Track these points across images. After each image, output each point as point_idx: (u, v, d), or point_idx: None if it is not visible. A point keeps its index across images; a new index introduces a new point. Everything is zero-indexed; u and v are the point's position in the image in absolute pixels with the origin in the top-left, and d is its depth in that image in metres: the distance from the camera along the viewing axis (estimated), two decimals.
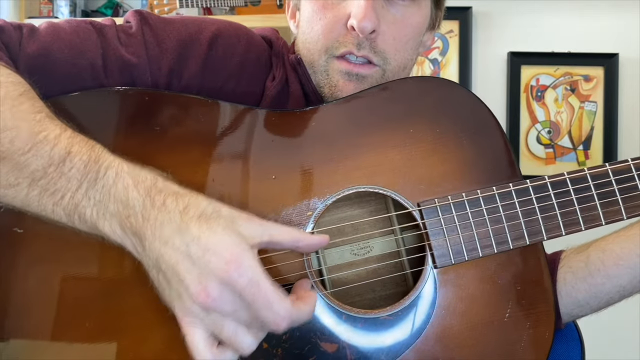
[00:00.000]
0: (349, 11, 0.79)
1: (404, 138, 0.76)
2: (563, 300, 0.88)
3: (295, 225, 0.72)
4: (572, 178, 0.78)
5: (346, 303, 0.74)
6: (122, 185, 0.59)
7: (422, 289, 0.73)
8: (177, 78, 0.78)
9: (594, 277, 0.85)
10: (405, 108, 0.77)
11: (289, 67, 0.86)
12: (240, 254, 0.56)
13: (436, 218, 0.75)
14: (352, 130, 0.76)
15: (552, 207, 0.77)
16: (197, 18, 0.84)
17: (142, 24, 0.78)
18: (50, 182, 0.59)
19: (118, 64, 0.75)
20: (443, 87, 0.80)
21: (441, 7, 0.91)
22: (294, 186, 0.73)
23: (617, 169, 0.78)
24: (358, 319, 0.72)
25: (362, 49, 0.80)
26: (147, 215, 0.57)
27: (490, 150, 0.78)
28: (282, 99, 0.84)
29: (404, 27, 0.82)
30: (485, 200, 0.76)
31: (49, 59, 0.71)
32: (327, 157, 0.74)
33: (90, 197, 0.59)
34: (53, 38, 0.73)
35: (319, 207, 0.72)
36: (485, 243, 0.75)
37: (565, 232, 0.77)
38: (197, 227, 0.56)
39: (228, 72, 0.81)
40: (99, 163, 0.60)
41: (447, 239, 0.75)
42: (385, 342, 0.72)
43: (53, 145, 0.59)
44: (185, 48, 0.79)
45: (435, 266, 0.74)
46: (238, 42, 0.82)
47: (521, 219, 0.76)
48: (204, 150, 0.71)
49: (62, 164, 0.59)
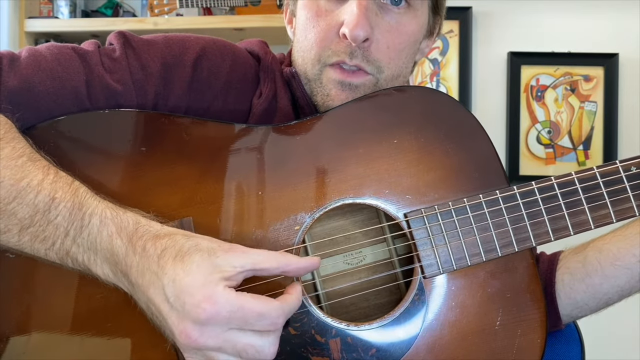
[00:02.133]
0: (342, 19, 0.78)
1: (389, 149, 0.75)
2: (562, 302, 0.87)
3: (284, 241, 0.71)
4: (559, 182, 0.77)
5: (341, 313, 0.74)
6: (106, 233, 0.61)
7: (412, 299, 0.73)
8: (164, 101, 0.77)
9: (591, 278, 0.85)
10: (389, 118, 0.77)
11: (280, 81, 0.85)
12: (212, 291, 0.57)
13: (423, 228, 0.74)
14: (337, 143, 0.75)
15: (539, 212, 0.76)
16: (181, 37, 0.82)
17: (125, 47, 0.77)
18: (39, 230, 0.61)
19: (104, 92, 0.74)
20: (427, 96, 0.79)
21: (440, 14, 0.89)
22: (281, 201, 0.72)
23: (605, 171, 0.78)
24: (348, 332, 0.71)
25: (354, 58, 0.78)
26: (130, 262, 0.59)
27: (476, 157, 0.78)
28: (269, 115, 0.82)
29: (398, 35, 0.81)
30: (472, 208, 0.75)
31: (32, 93, 0.70)
32: (313, 170, 0.74)
33: (79, 244, 0.61)
34: (34, 69, 0.71)
35: (306, 221, 0.72)
36: (474, 251, 0.75)
37: (554, 238, 0.76)
38: (173, 269, 0.58)
39: (214, 92, 0.80)
40: (82, 210, 0.61)
41: (434, 248, 0.74)
42: (376, 355, 0.72)
43: (37, 192, 0.61)
44: (170, 71, 0.78)
45: (424, 276, 0.74)
46: (223, 61, 0.81)
47: (509, 226, 0.76)
48: (189, 169, 0.71)
49: (48, 212, 0.61)
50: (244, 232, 0.70)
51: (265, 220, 0.71)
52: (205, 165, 0.72)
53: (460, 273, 0.75)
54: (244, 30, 2.05)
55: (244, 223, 0.71)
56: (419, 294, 0.74)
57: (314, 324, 0.70)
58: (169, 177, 0.71)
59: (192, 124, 0.74)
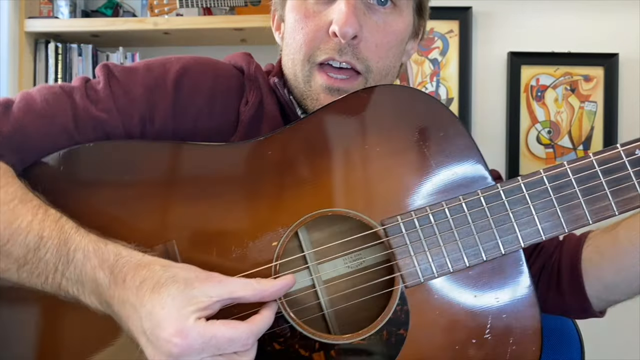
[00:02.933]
0: (330, 19, 0.79)
1: (361, 155, 0.73)
2: (590, 282, 0.83)
3: (263, 258, 0.71)
4: (549, 175, 0.70)
5: (346, 321, 0.73)
6: (90, 266, 0.64)
7: (394, 310, 0.70)
8: (150, 124, 0.79)
9: (621, 258, 0.79)
10: (359, 124, 0.74)
11: (265, 87, 0.85)
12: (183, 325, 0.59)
13: (400, 235, 0.71)
14: (309, 154, 0.74)
15: (528, 210, 0.70)
16: (162, 60, 0.84)
17: (108, 78, 0.80)
18: (33, 267, 0.66)
19: (90, 123, 0.77)
20: (397, 95, 0.76)
21: (424, 16, 0.90)
22: (258, 218, 0.72)
23: (604, 158, 0.70)
24: (331, 346, 0.70)
25: (344, 54, 0.79)
26: (112, 293, 0.63)
27: (456, 156, 0.73)
28: (257, 121, 0.83)
29: (386, 34, 0.81)
30: (451, 211, 0.71)
31: (24, 135, 0.74)
32: (287, 184, 0.73)
33: (68, 278, 0.65)
34: (25, 112, 0.75)
35: (283, 236, 0.71)
36: (456, 257, 0.70)
37: (545, 237, 0.70)
38: (150, 301, 0.60)
39: (198, 107, 0.81)
40: (67, 245, 0.65)
41: (413, 257, 0.71)
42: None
43: (27, 233, 0.66)
44: (152, 94, 0.80)
45: (406, 286, 0.71)
46: (204, 76, 0.82)
47: (494, 228, 0.70)
48: (169, 193, 0.73)
49: (38, 250, 0.65)
50: (225, 252, 0.71)
51: (243, 239, 0.71)
52: (184, 188, 0.73)
53: (444, 280, 0.71)
54: (244, 30, 2.06)
55: (223, 242, 0.71)
56: (401, 304, 0.70)
57: (297, 339, 0.70)
58: (152, 202, 0.73)
59: (168, 149, 0.75)
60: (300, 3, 0.82)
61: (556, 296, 0.87)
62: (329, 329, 0.74)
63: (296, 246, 0.75)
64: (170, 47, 2.27)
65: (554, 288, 0.87)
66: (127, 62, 2.15)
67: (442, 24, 2.14)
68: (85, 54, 2.12)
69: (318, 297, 0.74)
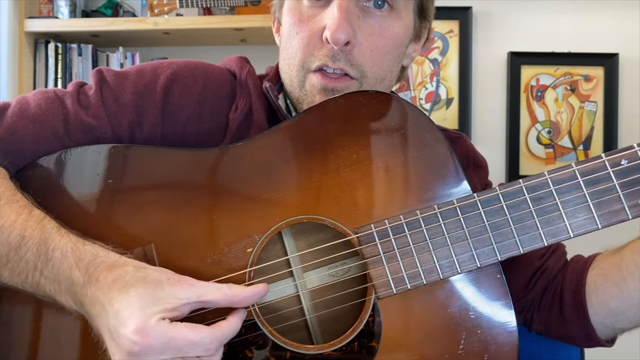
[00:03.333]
0: (324, 24, 0.77)
1: (338, 162, 0.72)
2: (594, 307, 0.79)
3: (237, 263, 0.70)
4: (528, 186, 0.68)
5: (328, 330, 0.72)
6: (67, 265, 0.65)
7: (366, 321, 0.69)
8: (139, 129, 0.80)
9: (627, 282, 0.75)
10: (336, 130, 0.73)
11: (255, 94, 0.84)
12: (145, 324, 0.59)
13: (373, 245, 0.69)
14: (287, 159, 0.73)
15: (505, 222, 0.67)
16: (153, 65, 0.83)
17: (100, 83, 0.80)
18: (14, 265, 0.67)
19: (80, 128, 0.78)
20: (375, 102, 0.74)
21: (427, 18, 0.87)
22: (234, 224, 0.71)
23: (586, 169, 0.67)
24: (302, 355, 0.69)
25: (337, 61, 0.77)
26: (86, 292, 0.64)
27: (433, 164, 0.71)
28: (245, 128, 0.83)
29: (382, 39, 0.79)
30: (425, 221, 0.68)
31: (16, 138, 0.75)
32: (264, 190, 0.72)
33: (45, 276, 0.66)
34: (18, 117, 0.77)
35: (258, 243, 0.70)
36: (430, 269, 0.68)
37: (523, 250, 0.67)
38: (118, 300, 0.61)
39: (187, 113, 0.81)
40: (47, 244, 0.66)
41: (386, 267, 0.68)
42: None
43: (9, 232, 0.67)
44: (142, 99, 0.80)
45: (378, 297, 0.69)
46: (194, 82, 0.82)
47: (469, 239, 0.68)
48: (150, 197, 0.74)
49: (19, 249, 0.67)
50: (201, 257, 0.71)
51: (219, 245, 0.71)
52: (164, 193, 0.73)
53: (419, 292, 0.69)
54: (244, 30, 2.06)
55: (199, 248, 0.71)
56: (373, 315, 0.69)
57: (269, 347, 0.69)
58: (132, 206, 0.73)
59: (149, 153, 0.75)
60: (295, 6, 0.81)
61: (558, 320, 0.84)
62: (312, 336, 0.74)
63: (281, 253, 0.75)
64: (170, 47, 2.27)
65: (556, 311, 0.84)
66: (127, 62, 2.15)
67: (442, 24, 2.14)
68: (85, 54, 2.13)
69: (301, 304, 0.74)
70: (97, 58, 2.15)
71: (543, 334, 0.87)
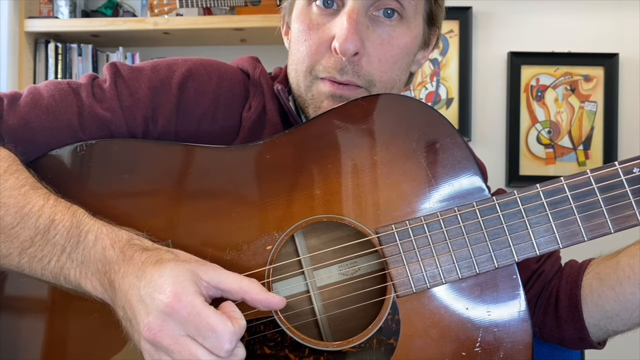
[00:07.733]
0: (333, 33, 0.77)
1: (359, 162, 0.73)
2: (589, 309, 0.81)
3: (257, 261, 0.71)
4: (545, 191, 0.70)
5: (339, 328, 0.73)
6: (100, 246, 0.65)
7: (385, 319, 0.70)
8: (153, 125, 0.79)
9: (622, 286, 0.77)
10: (357, 131, 0.74)
11: (269, 93, 0.85)
12: (181, 290, 0.60)
13: (394, 244, 0.70)
14: (306, 160, 0.73)
15: (522, 225, 0.70)
16: (168, 61, 0.83)
17: (115, 77, 0.80)
18: (38, 250, 0.67)
19: (95, 122, 0.77)
20: (395, 104, 0.75)
21: (437, 24, 0.87)
22: (253, 221, 0.72)
23: (601, 175, 0.70)
24: (321, 352, 0.70)
25: (345, 74, 0.77)
26: (118, 268, 0.64)
27: (453, 167, 0.72)
28: (259, 127, 0.83)
29: (390, 48, 0.79)
30: (446, 222, 0.70)
31: (29, 129, 0.75)
32: (283, 189, 0.72)
33: (73, 259, 0.66)
34: (31, 107, 0.76)
35: (277, 240, 0.71)
36: (449, 269, 0.70)
37: (539, 252, 0.70)
38: (151, 272, 0.62)
39: (201, 110, 0.81)
40: (80, 227, 0.66)
41: (406, 266, 0.70)
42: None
43: (38, 216, 0.67)
44: (157, 95, 0.80)
45: (397, 295, 0.70)
46: (209, 80, 0.82)
47: (487, 241, 0.70)
48: (167, 193, 0.73)
49: (47, 232, 0.66)
50: (219, 253, 0.71)
51: (238, 241, 0.71)
52: (181, 189, 0.73)
53: (437, 291, 0.71)
54: (244, 30, 2.06)
55: (219, 244, 0.71)
56: (392, 313, 0.70)
57: (287, 343, 0.70)
58: (150, 201, 0.73)
59: (168, 149, 0.75)
60: (305, 13, 0.81)
61: (553, 322, 0.85)
62: (322, 335, 0.75)
63: (292, 251, 0.75)
64: (170, 47, 2.28)
65: (551, 314, 0.86)
66: (127, 62, 2.14)
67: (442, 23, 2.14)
68: (85, 54, 2.13)
69: (312, 303, 0.74)
70: (97, 58, 2.16)
71: (538, 336, 0.88)
